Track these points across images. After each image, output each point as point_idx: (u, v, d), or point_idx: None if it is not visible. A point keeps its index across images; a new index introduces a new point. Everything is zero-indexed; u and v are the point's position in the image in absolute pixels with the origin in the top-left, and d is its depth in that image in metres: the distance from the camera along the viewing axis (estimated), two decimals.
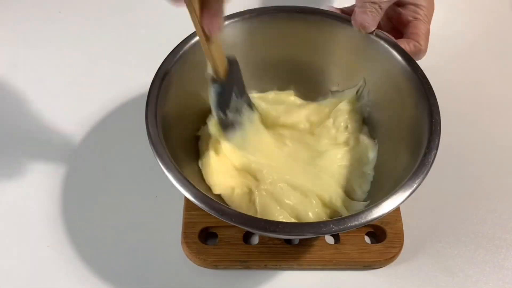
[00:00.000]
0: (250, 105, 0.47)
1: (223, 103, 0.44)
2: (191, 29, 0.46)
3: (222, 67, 0.42)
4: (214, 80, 0.42)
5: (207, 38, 0.38)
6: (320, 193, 0.46)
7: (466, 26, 0.68)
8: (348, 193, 0.47)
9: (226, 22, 0.47)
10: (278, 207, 0.45)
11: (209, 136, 0.50)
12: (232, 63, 0.43)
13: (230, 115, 0.45)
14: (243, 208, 0.45)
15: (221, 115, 0.45)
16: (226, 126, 0.46)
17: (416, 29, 0.49)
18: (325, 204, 0.46)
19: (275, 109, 0.51)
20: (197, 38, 0.46)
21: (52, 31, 0.65)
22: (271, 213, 0.45)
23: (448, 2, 0.68)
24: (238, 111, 0.46)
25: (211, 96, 0.44)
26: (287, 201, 0.45)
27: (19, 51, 0.63)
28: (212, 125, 0.47)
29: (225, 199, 0.46)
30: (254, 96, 0.52)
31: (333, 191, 0.47)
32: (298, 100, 0.53)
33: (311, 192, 0.46)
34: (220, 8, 0.36)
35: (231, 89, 0.44)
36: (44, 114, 0.57)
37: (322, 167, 0.48)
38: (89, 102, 0.58)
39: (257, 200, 0.45)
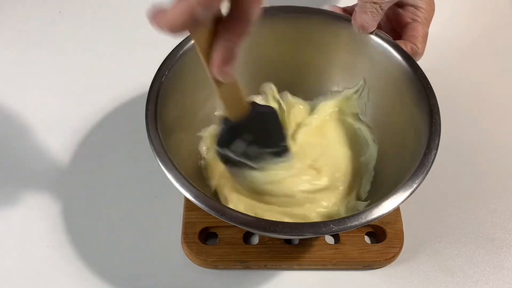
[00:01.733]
0: (279, 154, 0.44)
1: (225, 142, 0.41)
2: None
3: (234, 112, 0.38)
4: (223, 119, 0.40)
5: (216, 81, 0.34)
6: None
7: (466, 26, 0.68)
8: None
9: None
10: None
11: (210, 136, 0.50)
12: (265, 113, 0.40)
13: (232, 155, 0.42)
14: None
15: (219, 150, 0.42)
16: (227, 162, 0.43)
17: (414, 31, 0.49)
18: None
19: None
20: None
21: (52, 31, 0.65)
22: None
23: (448, 2, 0.68)
24: (247, 156, 0.42)
25: (218, 131, 0.41)
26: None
27: (19, 51, 0.63)
28: (213, 151, 0.44)
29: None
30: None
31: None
32: (298, 101, 0.53)
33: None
34: (233, 52, 0.31)
35: (241, 134, 0.41)
36: (43, 114, 0.57)
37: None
38: (89, 102, 0.58)
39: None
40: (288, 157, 0.45)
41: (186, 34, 0.30)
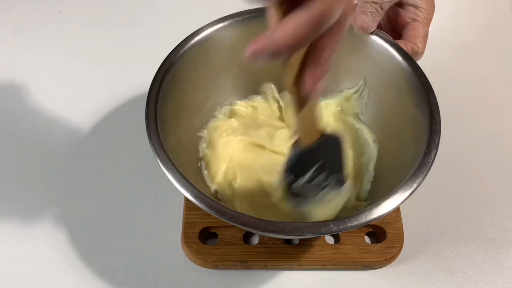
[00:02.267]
0: (340, 183, 0.41)
1: (296, 170, 0.39)
2: (191, 29, 0.46)
3: (307, 137, 0.37)
4: (295, 145, 0.38)
5: (301, 102, 0.32)
6: None
7: (466, 26, 0.68)
8: None
9: (225, 23, 0.47)
10: None
11: (209, 136, 0.50)
12: (331, 140, 0.38)
13: (301, 186, 0.39)
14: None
15: (287, 179, 0.39)
16: (293, 193, 0.40)
17: (414, 31, 0.49)
18: None
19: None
20: (197, 37, 0.46)
21: (52, 31, 0.65)
22: None
23: (448, 1, 0.68)
24: (316, 186, 0.39)
25: (286, 159, 0.39)
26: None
27: (19, 51, 0.63)
28: (277, 191, 0.41)
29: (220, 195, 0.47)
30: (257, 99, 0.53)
31: None
32: None
33: None
34: (326, 67, 0.30)
35: (313, 161, 0.38)
36: (43, 114, 0.57)
37: None
38: (89, 102, 0.58)
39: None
40: (344, 187, 0.41)
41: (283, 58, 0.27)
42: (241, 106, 0.52)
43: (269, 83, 0.52)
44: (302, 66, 0.30)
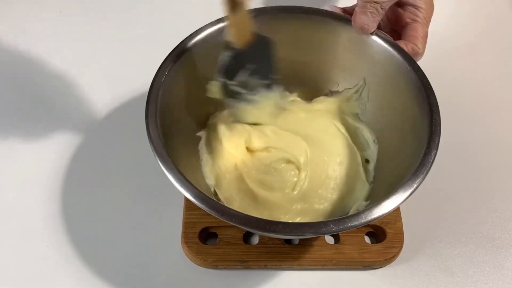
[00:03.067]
0: (271, 86, 0.48)
1: (229, 72, 0.45)
2: (191, 29, 0.46)
3: (241, 39, 0.42)
4: (227, 46, 0.43)
5: (233, 5, 0.37)
6: None
7: (466, 25, 0.68)
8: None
9: (225, 23, 0.47)
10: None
11: (210, 136, 0.50)
12: (263, 42, 0.43)
13: (234, 86, 0.46)
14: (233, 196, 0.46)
15: (222, 80, 0.45)
16: (229, 94, 0.47)
17: (414, 32, 0.49)
18: None
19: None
20: (197, 37, 0.46)
21: (52, 31, 0.65)
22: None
23: (448, 1, 0.68)
24: (247, 86, 0.46)
25: (219, 59, 0.44)
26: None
27: (19, 51, 0.63)
28: (213, 86, 0.47)
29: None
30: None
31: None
32: (297, 101, 0.53)
33: None
34: None
35: (244, 62, 0.44)
36: (43, 114, 0.57)
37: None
38: (89, 102, 0.58)
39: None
40: (277, 89, 0.49)
41: None
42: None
43: None
44: None
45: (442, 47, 0.63)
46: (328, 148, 0.49)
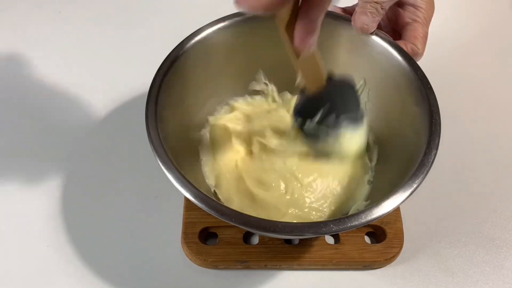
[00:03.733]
0: (352, 120, 0.45)
1: (302, 112, 0.44)
2: (191, 29, 0.46)
3: (312, 84, 0.40)
4: (301, 91, 0.41)
5: (297, 53, 0.35)
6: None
7: (466, 25, 0.68)
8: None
9: (225, 23, 0.47)
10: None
11: (210, 136, 0.50)
12: (341, 84, 0.41)
13: (311, 127, 0.44)
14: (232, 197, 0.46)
15: (297, 122, 0.44)
16: (308, 134, 0.45)
17: (414, 32, 0.49)
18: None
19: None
20: (197, 37, 0.46)
21: (52, 31, 0.65)
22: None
23: (448, 1, 0.68)
24: (327, 125, 0.44)
25: (295, 103, 0.44)
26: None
27: (19, 51, 0.63)
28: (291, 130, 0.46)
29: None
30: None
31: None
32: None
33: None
34: (316, 24, 0.33)
35: (320, 106, 0.42)
36: (43, 114, 0.57)
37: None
38: (89, 102, 0.58)
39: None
40: (361, 124, 0.46)
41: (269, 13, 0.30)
42: (241, 104, 0.52)
43: (260, 71, 0.52)
44: (295, 21, 0.33)
45: (442, 47, 0.63)
46: None
